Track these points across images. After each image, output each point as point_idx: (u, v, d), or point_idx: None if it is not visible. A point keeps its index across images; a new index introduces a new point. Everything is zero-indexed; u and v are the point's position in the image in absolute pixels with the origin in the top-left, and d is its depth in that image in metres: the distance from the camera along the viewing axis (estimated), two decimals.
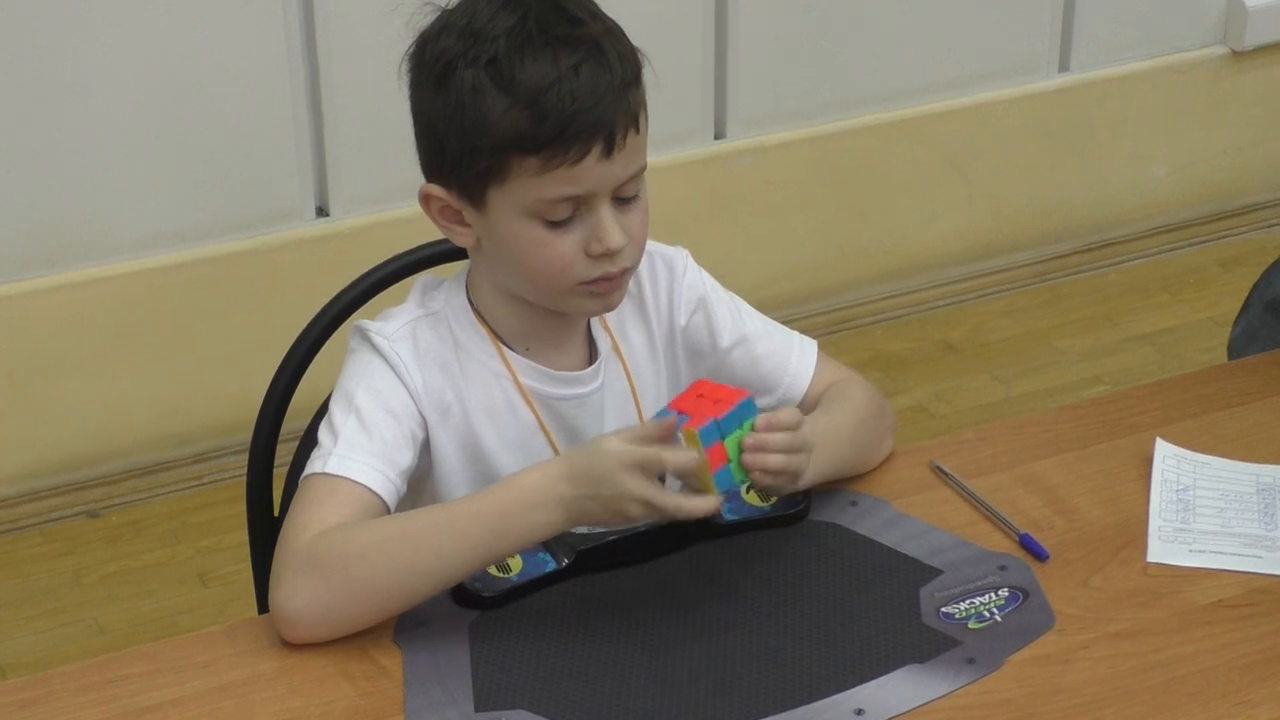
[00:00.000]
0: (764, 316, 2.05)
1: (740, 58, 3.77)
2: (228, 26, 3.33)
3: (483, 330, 1.90)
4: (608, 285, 1.84)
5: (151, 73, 3.30)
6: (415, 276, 2.02)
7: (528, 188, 1.78)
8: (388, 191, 3.47)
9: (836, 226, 3.96)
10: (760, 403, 1.96)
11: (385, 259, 2.14)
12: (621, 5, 1.94)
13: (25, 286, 3.34)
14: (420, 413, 1.87)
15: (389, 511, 1.82)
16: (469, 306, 1.91)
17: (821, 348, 2.06)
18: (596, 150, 1.77)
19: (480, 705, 1.68)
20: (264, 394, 2.10)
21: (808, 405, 2.00)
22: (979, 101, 4.02)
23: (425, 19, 1.85)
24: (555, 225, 1.80)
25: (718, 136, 3.83)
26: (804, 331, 2.07)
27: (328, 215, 3.54)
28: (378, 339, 1.87)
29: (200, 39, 3.32)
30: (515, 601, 1.80)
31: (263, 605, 2.04)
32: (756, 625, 1.78)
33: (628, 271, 1.85)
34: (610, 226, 1.80)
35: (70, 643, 3.10)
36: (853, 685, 1.70)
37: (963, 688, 1.70)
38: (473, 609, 1.79)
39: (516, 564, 1.82)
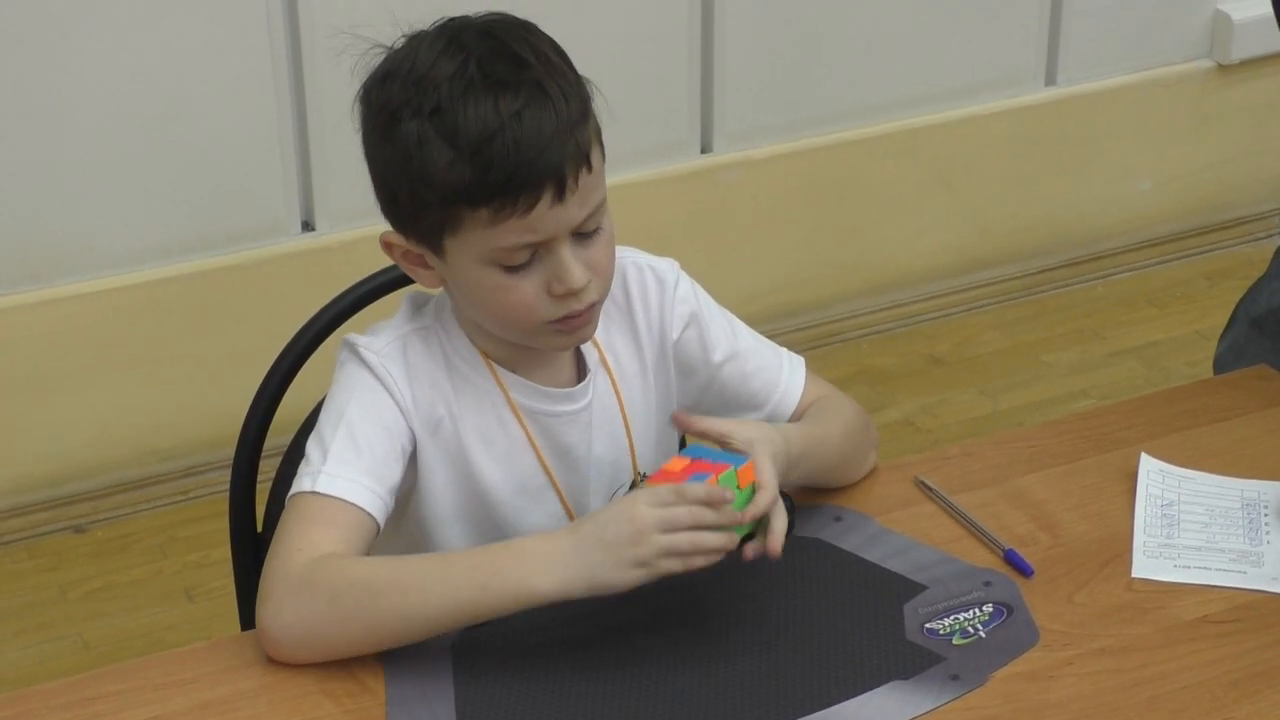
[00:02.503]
0: (753, 331, 2.04)
1: (727, 72, 3.77)
2: (213, 41, 3.33)
3: (472, 346, 1.89)
4: (575, 322, 1.83)
5: (136, 87, 3.30)
6: (400, 291, 2.02)
7: (481, 237, 1.77)
8: (373, 206, 3.40)
9: (823, 240, 3.96)
10: (749, 418, 1.98)
11: (369, 273, 2.14)
12: (607, 20, 1.94)
13: (10, 301, 3.34)
14: (410, 428, 1.86)
15: (379, 529, 1.81)
16: (458, 323, 1.90)
17: (807, 362, 2.06)
18: (547, 197, 1.75)
19: None
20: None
21: (794, 421, 2.00)
22: (965, 115, 4.02)
23: (374, 58, 1.83)
24: (514, 269, 1.79)
25: (704, 150, 3.83)
26: (790, 346, 2.07)
27: (313, 230, 3.54)
28: (367, 354, 1.86)
29: (185, 54, 3.32)
30: (499, 621, 1.79)
31: (246, 621, 2.03)
32: (740, 642, 1.77)
33: (595, 305, 1.84)
34: (570, 267, 1.78)
35: (55, 659, 3.09)
36: (837, 702, 1.70)
37: (947, 704, 1.70)
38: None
39: None
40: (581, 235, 1.79)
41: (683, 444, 2.07)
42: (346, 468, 1.80)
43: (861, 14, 3.84)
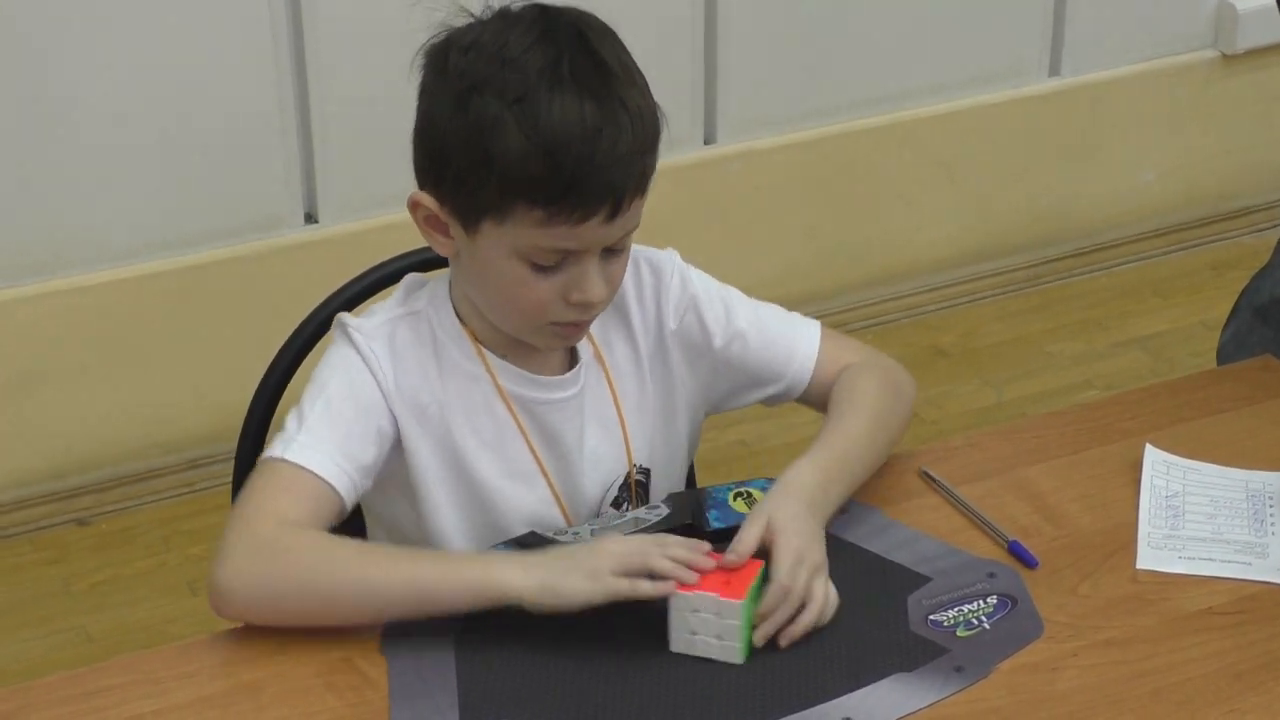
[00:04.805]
0: (765, 305, 2.04)
1: (730, 62, 3.76)
2: (215, 32, 3.32)
3: (463, 331, 1.90)
4: (577, 329, 1.86)
5: (138, 79, 3.29)
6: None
7: (525, 234, 1.77)
8: (377, 197, 3.46)
9: (826, 231, 3.95)
10: (766, 392, 2.01)
11: (372, 265, 2.14)
12: (613, 10, 1.93)
13: (13, 294, 3.33)
14: (391, 411, 1.86)
15: (344, 507, 1.82)
16: (451, 307, 1.91)
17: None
18: (602, 214, 1.76)
19: (466, 716, 1.67)
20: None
21: (817, 389, 2.00)
22: (969, 105, 4.01)
23: (453, 18, 1.82)
24: (541, 269, 1.80)
25: (707, 141, 3.82)
26: None
27: (317, 221, 3.53)
28: (355, 335, 1.87)
29: (188, 45, 3.31)
30: (501, 612, 1.78)
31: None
32: None
33: (596, 315, 1.87)
34: (595, 281, 1.80)
35: (59, 651, 3.09)
36: (840, 694, 1.69)
37: (951, 696, 1.69)
38: (459, 618, 1.77)
39: None
40: (609, 251, 1.81)
41: (690, 474, 2.08)
42: (320, 440, 1.81)
43: (865, 5, 3.83)
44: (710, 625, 1.73)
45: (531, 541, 1.85)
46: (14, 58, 3.20)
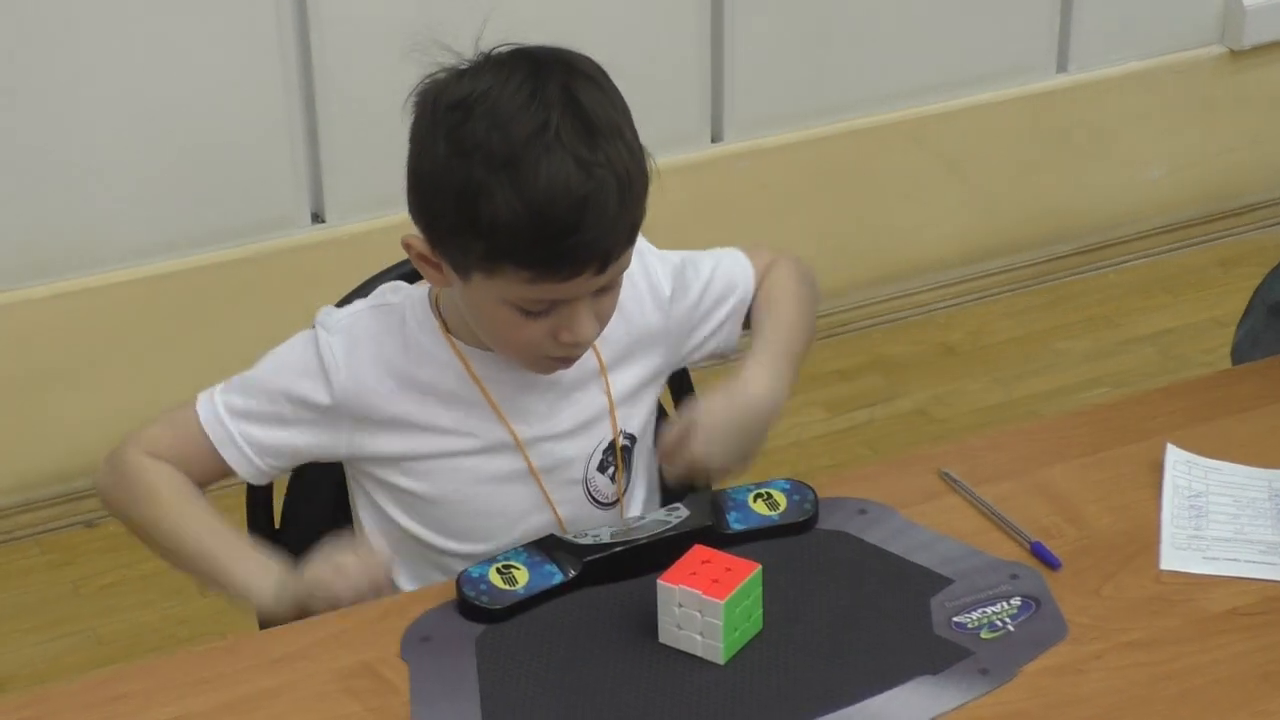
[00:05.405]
0: (692, 251, 2.09)
1: (737, 60, 3.75)
2: (222, 33, 3.31)
3: (435, 324, 1.92)
4: (568, 361, 1.90)
5: (145, 80, 3.28)
6: None
7: (513, 288, 1.79)
8: (384, 197, 3.44)
9: (834, 229, 3.95)
10: (724, 310, 2.07)
11: (380, 264, 2.13)
12: (618, 8, 1.92)
13: (20, 295, 3.32)
14: (334, 398, 1.90)
15: (227, 470, 1.96)
16: (429, 304, 1.93)
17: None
18: (590, 271, 1.78)
19: None
20: None
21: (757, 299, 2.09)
22: (977, 102, 4.01)
23: (440, 55, 1.82)
24: (531, 314, 1.82)
25: (715, 139, 3.81)
26: None
27: (323, 221, 3.52)
28: (318, 326, 1.93)
29: (194, 46, 3.30)
30: (522, 614, 1.78)
31: (263, 618, 2.02)
32: (766, 636, 1.75)
33: (587, 348, 1.90)
34: (584, 323, 1.83)
35: (70, 654, 3.08)
36: (864, 697, 1.68)
37: (976, 699, 1.68)
38: (479, 622, 1.77)
39: (523, 576, 1.80)
40: (600, 290, 1.83)
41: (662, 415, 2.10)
42: (234, 410, 1.92)
43: (872, 2, 3.83)
44: (693, 621, 1.72)
45: (552, 544, 1.84)
46: (22, 60, 3.19)
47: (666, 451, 1.92)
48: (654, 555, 1.82)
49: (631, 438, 2.00)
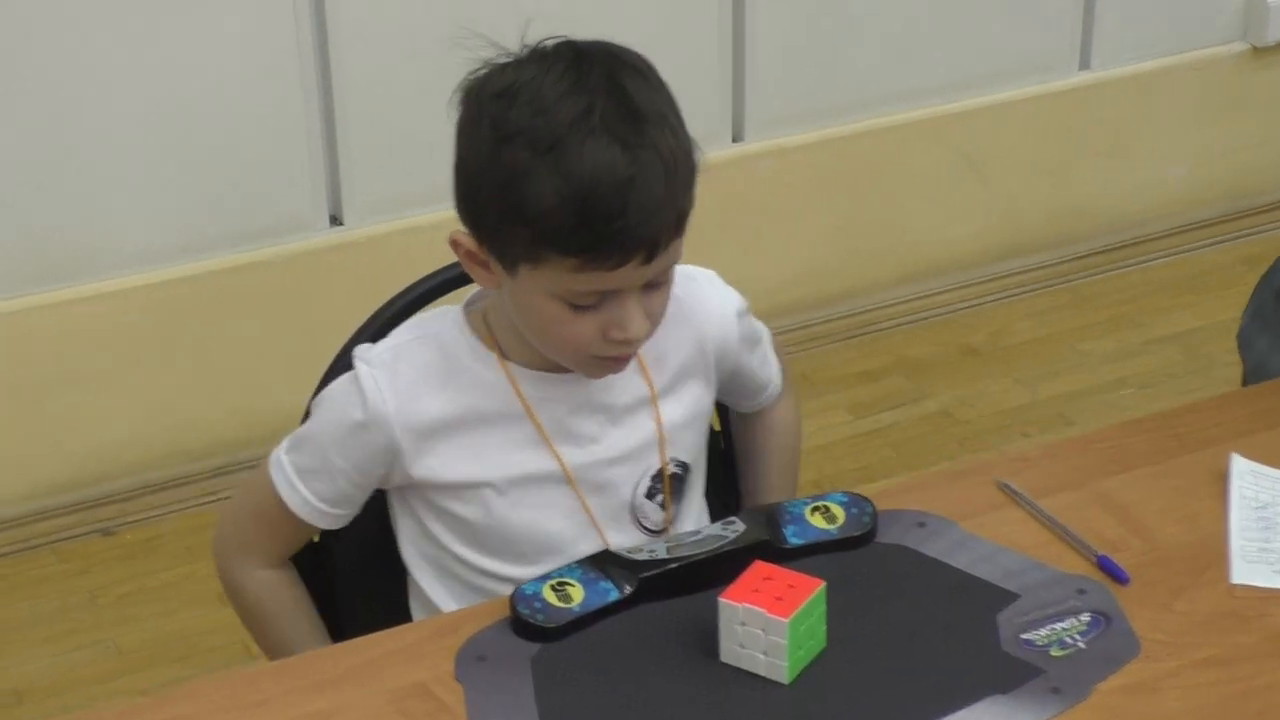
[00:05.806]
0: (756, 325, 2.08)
1: (758, 60, 3.72)
2: (239, 34, 3.28)
3: (480, 345, 1.89)
4: (618, 362, 1.85)
5: (161, 82, 3.25)
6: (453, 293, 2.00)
7: (559, 278, 1.76)
8: (402, 200, 3.42)
9: (855, 229, 3.91)
10: (755, 401, 2.09)
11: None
12: (639, 8, 1.88)
13: (36, 301, 3.29)
14: (388, 435, 1.86)
15: (311, 533, 1.96)
16: (465, 324, 1.90)
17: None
18: (637, 259, 1.75)
19: None
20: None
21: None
22: (998, 101, 3.97)
23: (488, 48, 1.81)
24: (579, 308, 1.79)
25: (735, 139, 3.78)
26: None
27: (341, 224, 3.49)
28: (359, 364, 1.89)
29: (211, 47, 3.27)
30: (578, 632, 1.74)
31: None
32: (830, 654, 1.71)
33: (640, 347, 1.86)
34: (634, 318, 1.79)
35: (87, 665, 3.03)
36: (935, 717, 1.64)
37: None
38: (534, 641, 1.73)
39: (578, 594, 1.76)
40: (650, 285, 1.80)
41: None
42: (303, 473, 1.90)
43: (892, 1, 3.79)
44: (757, 640, 1.68)
45: (606, 560, 1.80)
46: (36, 62, 3.16)
47: None
48: (710, 571, 1.78)
49: (684, 465, 1.96)
